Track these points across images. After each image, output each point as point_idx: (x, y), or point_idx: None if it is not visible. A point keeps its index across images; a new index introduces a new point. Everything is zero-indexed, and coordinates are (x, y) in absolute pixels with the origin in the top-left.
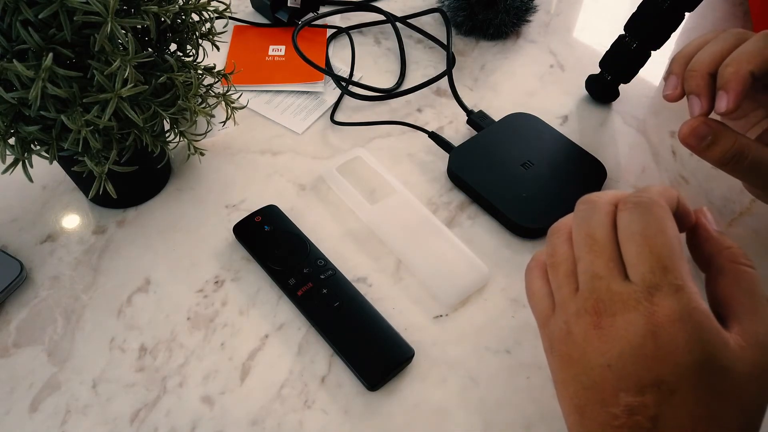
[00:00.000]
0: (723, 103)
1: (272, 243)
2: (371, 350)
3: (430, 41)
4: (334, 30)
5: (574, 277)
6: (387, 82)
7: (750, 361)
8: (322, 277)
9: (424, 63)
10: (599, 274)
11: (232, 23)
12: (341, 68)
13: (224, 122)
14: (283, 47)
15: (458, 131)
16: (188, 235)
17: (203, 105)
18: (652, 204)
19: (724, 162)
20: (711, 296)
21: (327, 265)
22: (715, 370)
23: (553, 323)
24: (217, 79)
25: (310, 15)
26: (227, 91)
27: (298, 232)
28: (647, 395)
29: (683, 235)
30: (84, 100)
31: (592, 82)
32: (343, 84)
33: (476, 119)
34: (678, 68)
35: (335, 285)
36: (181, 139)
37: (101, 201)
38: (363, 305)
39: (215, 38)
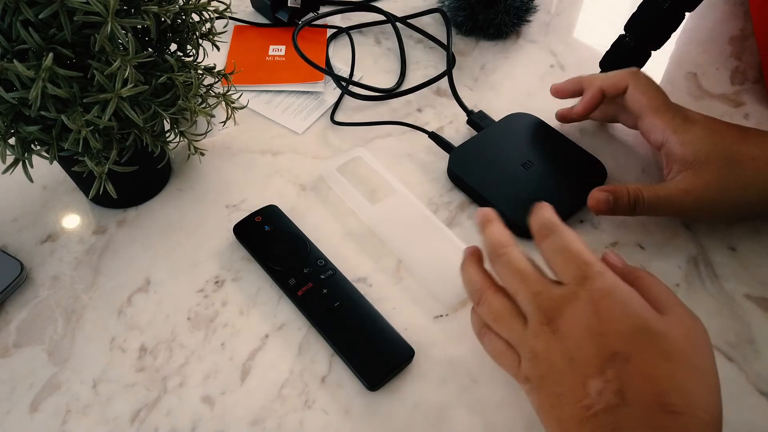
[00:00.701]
0: (578, 107)
1: (272, 243)
2: (371, 350)
3: (430, 41)
4: (335, 30)
5: (518, 314)
6: (387, 82)
7: (678, 329)
8: (323, 277)
9: (425, 63)
10: (538, 291)
11: (232, 23)
12: (341, 68)
13: (224, 122)
14: (283, 47)
15: (458, 131)
16: (188, 235)
17: (203, 105)
18: (557, 226)
19: (632, 209)
20: None
21: (327, 265)
22: (654, 334)
23: (523, 364)
24: (217, 79)
25: (311, 15)
26: (227, 91)
27: (299, 232)
28: (608, 371)
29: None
30: (84, 100)
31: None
32: (343, 84)
33: (476, 119)
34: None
35: (335, 285)
36: (181, 139)
37: (101, 201)
38: (363, 305)
39: (215, 38)
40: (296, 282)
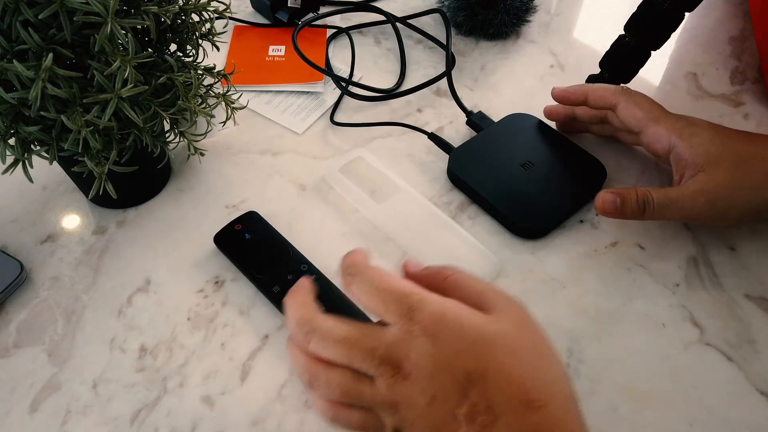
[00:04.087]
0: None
1: (254, 251)
2: None
3: (430, 41)
4: (334, 30)
5: (361, 377)
6: (387, 82)
7: (508, 321)
8: None
9: (424, 63)
10: (371, 347)
11: (232, 23)
12: (341, 68)
13: (224, 122)
14: (283, 47)
15: (458, 131)
16: (188, 235)
17: (203, 105)
18: (361, 267)
19: (640, 212)
20: None
21: (311, 270)
22: (493, 336)
23: (388, 422)
24: (217, 80)
25: (310, 15)
26: (227, 91)
27: (280, 237)
28: (471, 392)
29: None
30: (84, 101)
31: (592, 82)
32: (343, 84)
33: (475, 120)
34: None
35: (320, 289)
36: (181, 139)
37: (101, 201)
38: (350, 308)
39: (215, 38)
40: (280, 289)
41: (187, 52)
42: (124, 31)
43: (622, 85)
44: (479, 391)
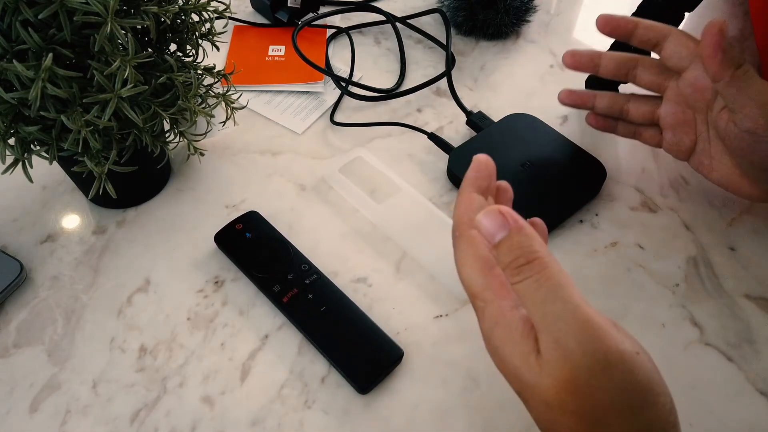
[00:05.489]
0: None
1: (254, 250)
2: (360, 353)
3: (429, 41)
4: (334, 30)
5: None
6: (387, 82)
7: (548, 374)
8: (307, 282)
9: (424, 63)
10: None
11: (231, 23)
12: (341, 68)
13: (224, 122)
14: (283, 47)
15: (458, 131)
16: (188, 235)
17: (203, 105)
18: (457, 234)
19: (736, 64)
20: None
21: (311, 270)
22: (525, 385)
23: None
24: (216, 80)
25: (310, 15)
26: (227, 91)
27: (281, 237)
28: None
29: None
30: (84, 101)
31: (592, 82)
32: (343, 84)
33: (475, 120)
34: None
35: (321, 289)
36: (181, 139)
37: (101, 201)
38: (350, 308)
39: (215, 38)
40: (281, 288)
41: (187, 52)
42: (123, 31)
43: None
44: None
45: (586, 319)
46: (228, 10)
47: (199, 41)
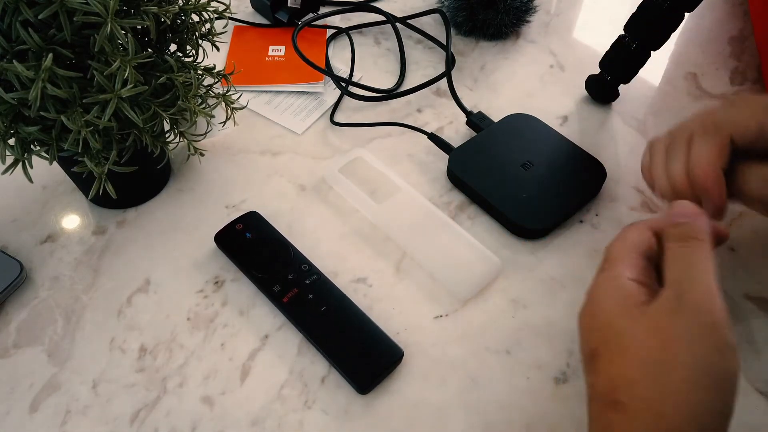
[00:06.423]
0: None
1: (255, 250)
2: (360, 354)
3: (429, 42)
4: (334, 30)
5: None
6: (387, 82)
7: (639, 328)
8: (307, 282)
9: (424, 63)
10: None
11: (232, 23)
12: (341, 69)
13: (224, 122)
14: (283, 47)
15: (458, 132)
16: (188, 235)
17: (203, 105)
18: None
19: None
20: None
21: (311, 270)
22: (617, 331)
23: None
24: (216, 80)
25: (310, 15)
26: (227, 91)
27: (281, 237)
28: (589, 367)
29: None
30: (84, 101)
31: (592, 83)
32: (343, 84)
33: (475, 120)
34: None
35: (321, 289)
36: (181, 139)
37: (101, 201)
38: (350, 308)
39: (215, 38)
40: (281, 289)
41: (187, 52)
42: (123, 31)
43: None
44: (592, 370)
45: (716, 296)
46: (228, 11)
47: (199, 41)
